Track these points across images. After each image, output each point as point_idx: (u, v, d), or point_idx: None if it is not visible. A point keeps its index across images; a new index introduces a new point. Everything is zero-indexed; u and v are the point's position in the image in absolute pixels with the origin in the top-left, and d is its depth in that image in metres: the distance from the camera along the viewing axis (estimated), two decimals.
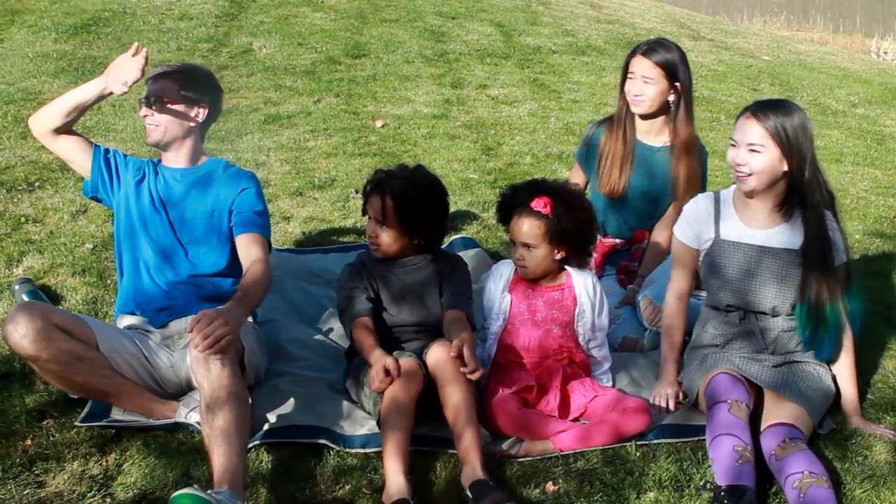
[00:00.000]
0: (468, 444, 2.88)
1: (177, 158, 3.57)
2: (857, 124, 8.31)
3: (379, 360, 3.02)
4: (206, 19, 9.50)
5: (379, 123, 6.88)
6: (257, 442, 3.03)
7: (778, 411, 3.07)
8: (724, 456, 2.84)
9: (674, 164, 4.08)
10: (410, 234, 3.32)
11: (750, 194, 3.25)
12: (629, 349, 3.79)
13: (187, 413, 3.16)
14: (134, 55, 3.39)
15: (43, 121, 3.50)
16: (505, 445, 3.09)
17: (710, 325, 3.37)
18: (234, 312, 2.97)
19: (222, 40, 8.94)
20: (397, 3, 11.05)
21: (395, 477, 2.78)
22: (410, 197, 3.27)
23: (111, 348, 3.15)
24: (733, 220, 3.33)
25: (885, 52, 15.01)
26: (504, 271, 3.47)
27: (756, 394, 3.16)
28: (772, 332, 3.27)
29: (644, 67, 3.97)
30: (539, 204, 3.29)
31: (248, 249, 3.41)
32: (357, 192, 5.32)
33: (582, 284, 3.43)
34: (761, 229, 3.29)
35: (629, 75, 4.03)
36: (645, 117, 4.07)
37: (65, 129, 3.51)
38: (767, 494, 2.88)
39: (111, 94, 3.45)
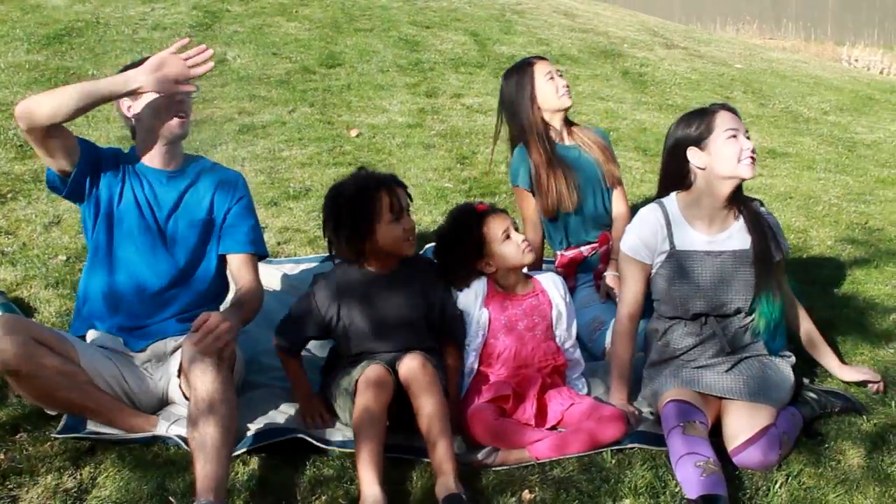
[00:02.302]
0: (442, 455, 2.88)
1: (171, 159, 3.39)
2: (828, 131, 8.39)
3: (314, 407, 3.26)
4: (180, 29, 9.46)
5: (354, 133, 6.88)
6: (237, 451, 3.01)
7: (744, 419, 3.10)
8: (688, 475, 2.86)
9: (597, 156, 4.19)
10: None
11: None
12: None
13: (168, 426, 3.14)
14: (185, 57, 3.14)
15: (46, 111, 3.02)
16: (481, 455, 3.09)
17: (668, 336, 3.32)
18: (233, 319, 2.99)
19: None
20: (371, 12, 11.06)
21: (370, 487, 2.77)
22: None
23: (92, 367, 3.10)
24: (685, 229, 3.30)
25: (856, 60, 15.17)
26: (477, 288, 3.44)
27: (713, 399, 3.19)
28: (730, 330, 3.27)
29: (547, 65, 4.17)
30: (483, 205, 3.49)
31: (240, 270, 3.42)
32: None
33: (553, 287, 3.48)
34: (716, 234, 3.29)
35: (547, 76, 4.12)
36: (554, 121, 4.17)
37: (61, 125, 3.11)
38: (742, 501, 2.89)
39: (144, 93, 3.19)
